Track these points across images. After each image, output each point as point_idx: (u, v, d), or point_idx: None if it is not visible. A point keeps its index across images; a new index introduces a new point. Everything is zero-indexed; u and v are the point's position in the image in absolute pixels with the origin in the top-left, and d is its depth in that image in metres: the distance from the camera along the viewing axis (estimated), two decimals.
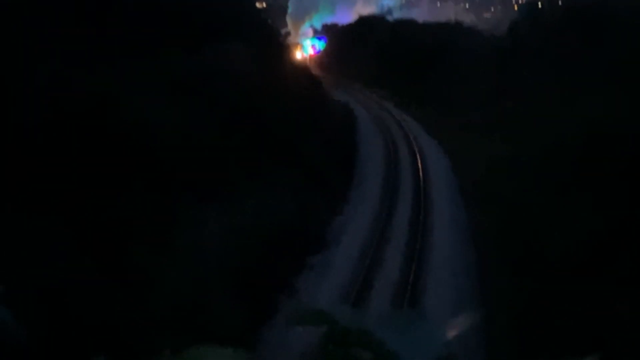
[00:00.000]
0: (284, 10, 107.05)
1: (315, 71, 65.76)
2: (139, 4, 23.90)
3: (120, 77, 18.48)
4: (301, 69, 48.38)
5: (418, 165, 32.27)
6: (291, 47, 68.90)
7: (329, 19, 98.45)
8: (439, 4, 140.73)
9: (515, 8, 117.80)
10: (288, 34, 74.64)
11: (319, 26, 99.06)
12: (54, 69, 15.97)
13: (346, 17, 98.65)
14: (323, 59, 78.32)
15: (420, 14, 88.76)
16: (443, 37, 53.55)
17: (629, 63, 20.53)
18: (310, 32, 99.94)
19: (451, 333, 2.11)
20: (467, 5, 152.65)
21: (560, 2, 40.08)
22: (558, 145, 19.88)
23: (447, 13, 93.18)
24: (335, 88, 58.21)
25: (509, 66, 34.58)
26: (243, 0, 41.70)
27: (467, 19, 64.77)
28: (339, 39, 77.14)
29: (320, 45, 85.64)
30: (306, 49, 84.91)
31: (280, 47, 40.73)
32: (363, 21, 77.51)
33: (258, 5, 75.98)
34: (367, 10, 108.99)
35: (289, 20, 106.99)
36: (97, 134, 15.45)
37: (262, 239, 18.22)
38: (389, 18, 79.20)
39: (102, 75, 17.58)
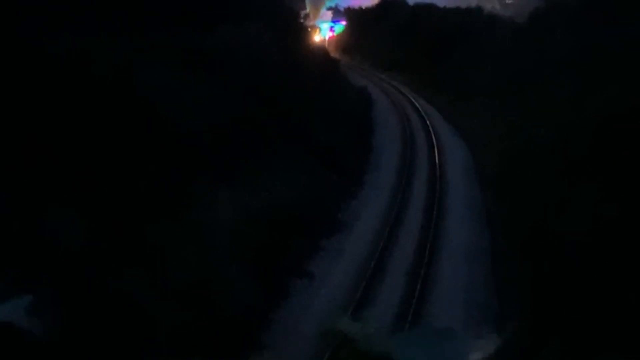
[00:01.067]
0: None
1: (334, 54, 65.55)
2: None
3: (137, 51, 18.49)
4: (319, 51, 48.16)
5: (434, 150, 32.19)
6: (310, 29, 68.66)
7: (348, 1, 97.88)
8: None
9: None
10: (307, 15, 74.15)
11: (338, 8, 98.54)
12: (71, 41, 15.98)
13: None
14: (342, 41, 77.82)
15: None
16: (463, 22, 53.08)
17: None
18: (329, 14, 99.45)
19: (474, 356, 2.08)
20: None
21: None
22: (574, 129, 19.74)
23: None
24: (353, 71, 57.93)
25: (529, 51, 34.21)
26: None
27: (489, 4, 63.79)
28: (358, 21, 76.68)
29: (338, 28, 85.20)
30: (324, 31, 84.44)
31: (298, 28, 40.60)
32: (383, 4, 76.89)
33: None
34: None
35: (308, 2, 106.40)
36: (113, 108, 15.47)
37: (275, 221, 18.23)
38: (409, 1, 78.38)
39: (119, 48, 17.57)
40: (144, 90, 16.79)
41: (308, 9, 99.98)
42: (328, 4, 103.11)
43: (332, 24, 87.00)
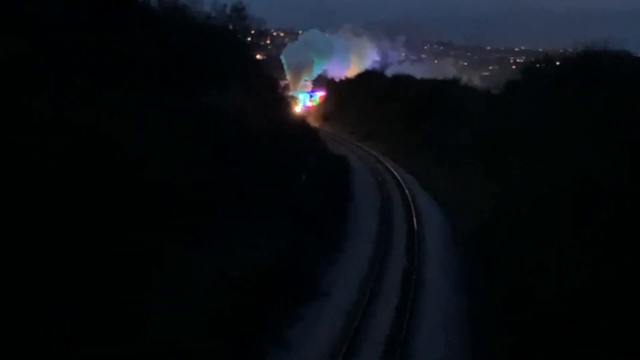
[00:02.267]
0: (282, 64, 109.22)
1: (314, 123, 66.42)
2: (144, 47, 24.17)
3: (116, 113, 18.53)
4: (298, 119, 48.79)
5: (412, 214, 32.33)
6: (290, 99, 69.80)
7: (328, 72, 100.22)
8: (436, 62, 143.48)
9: (513, 67, 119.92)
10: (287, 85, 75.38)
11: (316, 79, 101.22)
12: (52, 103, 16.00)
13: (340, 69, 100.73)
14: (321, 110, 78.89)
15: (419, 70, 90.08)
16: (440, 92, 54.19)
17: (619, 113, 20.88)
18: (309, 85, 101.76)
19: None
20: (465, 63, 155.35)
21: (557, 63, 40.55)
22: (552, 192, 19.97)
23: (445, 70, 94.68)
24: (333, 139, 58.59)
25: (505, 120, 34.84)
26: (244, 51, 42.44)
27: (465, 76, 65.45)
28: (338, 91, 77.98)
29: (314, 98, 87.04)
30: (303, 101, 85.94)
31: (278, 96, 41.18)
32: (362, 75, 78.60)
33: (259, 56, 76.94)
34: (362, 63, 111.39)
35: (288, 73, 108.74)
36: (89, 171, 15.34)
37: (252, 287, 17.96)
38: (388, 72, 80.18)
39: (98, 110, 17.61)
40: (121, 151, 16.72)
41: (289, 79, 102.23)
42: (306, 77, 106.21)
43: (310, 94, 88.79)
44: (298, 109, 75.96)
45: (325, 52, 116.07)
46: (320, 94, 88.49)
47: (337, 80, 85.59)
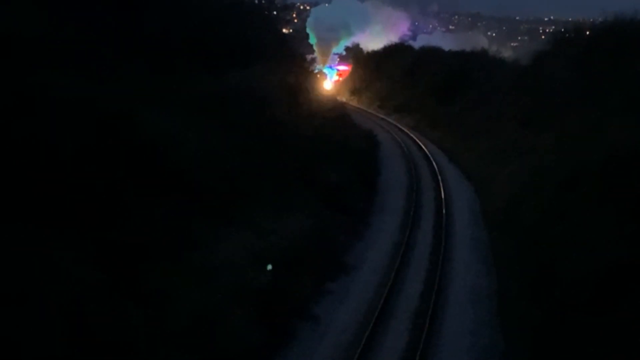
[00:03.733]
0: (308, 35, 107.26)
1: (341, 97, 66.18)
2: (168, 27, 24.26)
3: (144, 94, 18.68)
4: (325, 94, 48.57)
5: (440, 191, 32.14)
6: (318, 74, 69.51)
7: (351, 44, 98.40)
8: (469, 32, 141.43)
9: (542, 37, 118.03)
10: (314, 60, 74.95)
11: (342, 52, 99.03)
12: (77, 81, 16.15)
13: (371, 39, 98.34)
14: (349, 84, 78.43)
15: (449, 41, 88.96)
16: (468, 64, 53.62)
17: None
18: (337, 59, 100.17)
19: None
20: (494, 34, 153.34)
21: (588, 33, 39.76)
22: (580, 168, 19.74)
23: (477, 41, 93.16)
24: (360, 114, 58.34)
25: (533, 92, 34.40)
26: (269, 25, 42.31)
27: (493, 47, 64.61)
28: (365, 65, 77.41)
29: (331, 73, 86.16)
30: (331, 75, 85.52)
31: (304, 71, 41.03)
32: (389, 48, 77.88)
33: (284, 30, 76.74)
34: (393, 34, 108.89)
35: (316, 48, 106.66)
36: (115, 150, 15.54)
37: (279, 262, 18.11)
38: (415, 45, 79.37)
39: (125, 91, 17.76)
40: (147, 132, 16.89)
41: (316, 54, 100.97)
42: (335, 50, 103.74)
43: (335, 69, 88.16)
44: (327, 84, 75.38)
45: (358, 20, 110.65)
46: (343, 68, 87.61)
47: (366, 52, 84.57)
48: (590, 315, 14.13)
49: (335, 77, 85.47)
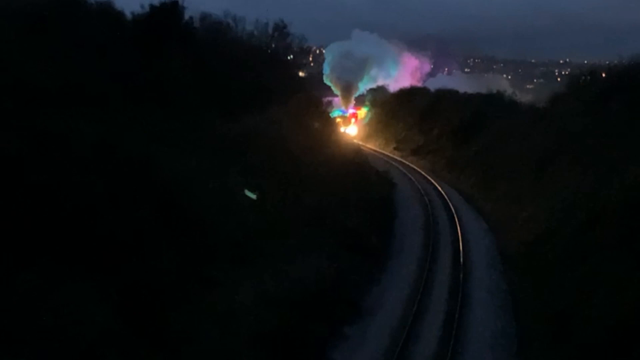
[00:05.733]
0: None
1: (356, 138, 66.40)
2: (186, 69, 24.62)
3: (164, 139, 18.86)
4: (342, 136, 48.74)
5: (458, 234, 31.82)
6: (338, 117, 69.79)
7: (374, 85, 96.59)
8: (485, 75, 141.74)
9: (558, 80, 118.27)
10: (330, 103, 74.97)
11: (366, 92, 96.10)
12: (96, 126, 16.37)
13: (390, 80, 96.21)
14: (365, 127, 78.63)
15: (465, 82, 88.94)
16: (484, 107, 53.71)
17: None
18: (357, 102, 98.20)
19: None
20: (509, 77, 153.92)
21: (603, 75, 39.81)
22: (599, 210, 19.52)
23: (494, 83, 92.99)
24: (376, 156, 58.40)
25: (551, 134, 34.32)
26: (285, 69, 42.81)
27: (509, 90, 64.66)
28: (382, 107, 77.85)
29: (339, 114, 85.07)
30: (348, 115, 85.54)
31: (320, 114, 41.31)
32: (405, 90, 78.41)
33: (301, 74, 77.29)
34: (411, 75, 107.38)
35: (338, 91, 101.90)
36: (137, 195, 15.63)
37: (296, 305, 17.95)
38: (431, 87, 79.66)
39: (144, 134, 17.95)
40: (166, 175, 17.01)
41: (339, 94, 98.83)
42: (357, 92, 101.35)
43: (346, 112, 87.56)
44: (351, 129, 73.76)
45: (381, 56, 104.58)
46: (351, 112, 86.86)
47: (383, 94, 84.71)
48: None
49: (351, 121, 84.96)
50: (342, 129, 71.20)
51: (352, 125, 75.39)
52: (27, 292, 11.89)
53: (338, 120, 74.43)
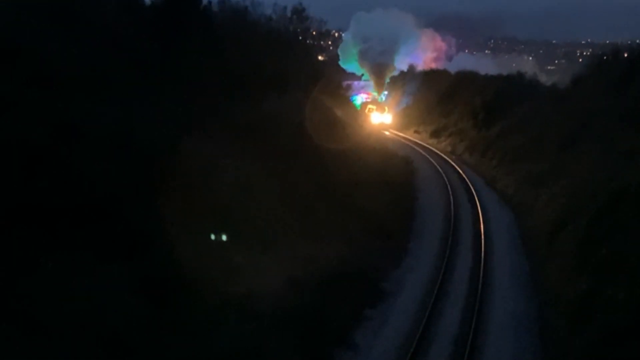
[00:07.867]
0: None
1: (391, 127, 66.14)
2: (205, 54, 24.70)
3: (185, 125, 18.99)
4: (360, 118, 48.63)
5: (479, 216, 31.74)
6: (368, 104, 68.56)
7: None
8: (506, 56, 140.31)
9: (580, 61, 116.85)
10: (349, 86, 74.38)
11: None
12: (116, 112, 16.52)
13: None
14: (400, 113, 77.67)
15: (483, 65, 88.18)
16: (505, 88, 53.34)
17: None
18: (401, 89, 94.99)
19: None
20: (530, 58, 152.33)
21: (625, 55, 39.36)
22: (622, 191, 19.40)
23: (518, 64, 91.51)
24: (396, 140, 58.29)
25: (573, 116, 34.03)
26: (305, 54, 42.77)
27: (530, 71, 64.01)
28: (403, 90, 77.56)
29: (357, 100, 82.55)
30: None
31: (340, 98, 41.28)
32: (425, 73, 78.13)
33: (320, 58, 77.12)
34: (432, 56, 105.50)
35: (370, 73, 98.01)
36: (156, 181, 15.78)
37: (318, 289, 18.07)
38: (451, 69, 79.04)
39: (164, 121, 18.09)
40: (188, 161, 17.14)
41: (370, 80, 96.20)
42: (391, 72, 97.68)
43: (359, 97, 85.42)
44: (384, 117, 71.87)
45: (410, 35, 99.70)
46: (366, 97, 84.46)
47: (402, 77, 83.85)
48: (635, 342, 13.79)
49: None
50: (374, 116, 69.62)
51: (386, 113, 72.47)
52: (51, 279, 12.08)
53: (370, 107, 72.72)
